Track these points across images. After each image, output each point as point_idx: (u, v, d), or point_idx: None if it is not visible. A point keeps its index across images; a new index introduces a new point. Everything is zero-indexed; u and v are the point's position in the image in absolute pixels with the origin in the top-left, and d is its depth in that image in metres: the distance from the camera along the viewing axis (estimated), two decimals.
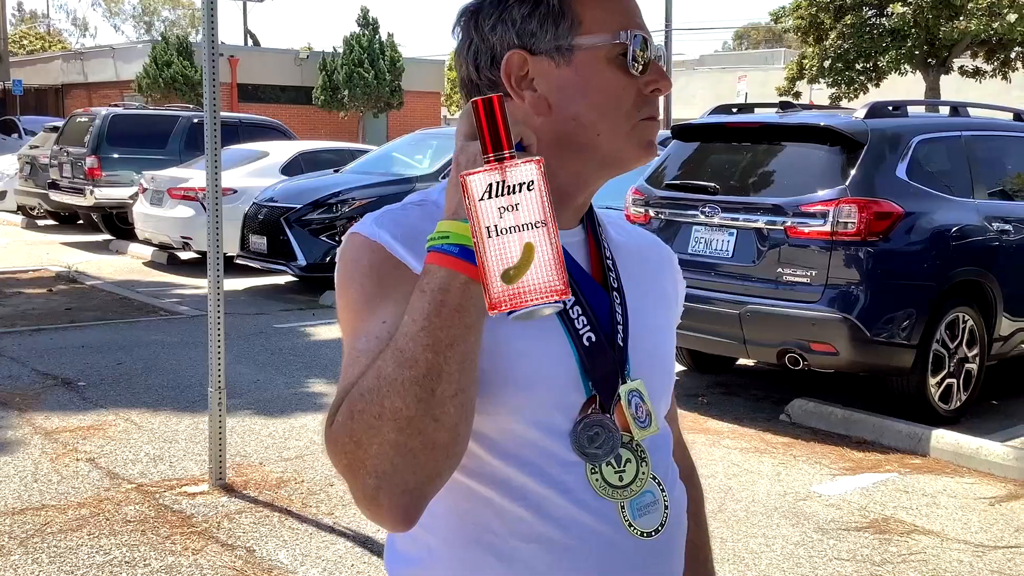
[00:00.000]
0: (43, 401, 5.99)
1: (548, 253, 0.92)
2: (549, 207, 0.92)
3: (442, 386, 0.98)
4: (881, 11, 24.10)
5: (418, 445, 0.99)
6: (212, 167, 4.63)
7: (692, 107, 30.50)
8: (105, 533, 4.10)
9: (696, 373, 6.98)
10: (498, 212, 0.92)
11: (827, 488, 4.83)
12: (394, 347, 0.99)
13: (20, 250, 13.18)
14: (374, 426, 0.98)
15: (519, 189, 0.92)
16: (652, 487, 1.20)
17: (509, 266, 0.92)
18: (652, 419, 1.20)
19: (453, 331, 0.98)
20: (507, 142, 0.93)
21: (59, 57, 42.69)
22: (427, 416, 0.98)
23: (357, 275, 1.13)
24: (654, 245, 1.38)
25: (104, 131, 13.58)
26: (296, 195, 10.01)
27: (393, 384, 0.98)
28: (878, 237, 5.47)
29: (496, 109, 0.93)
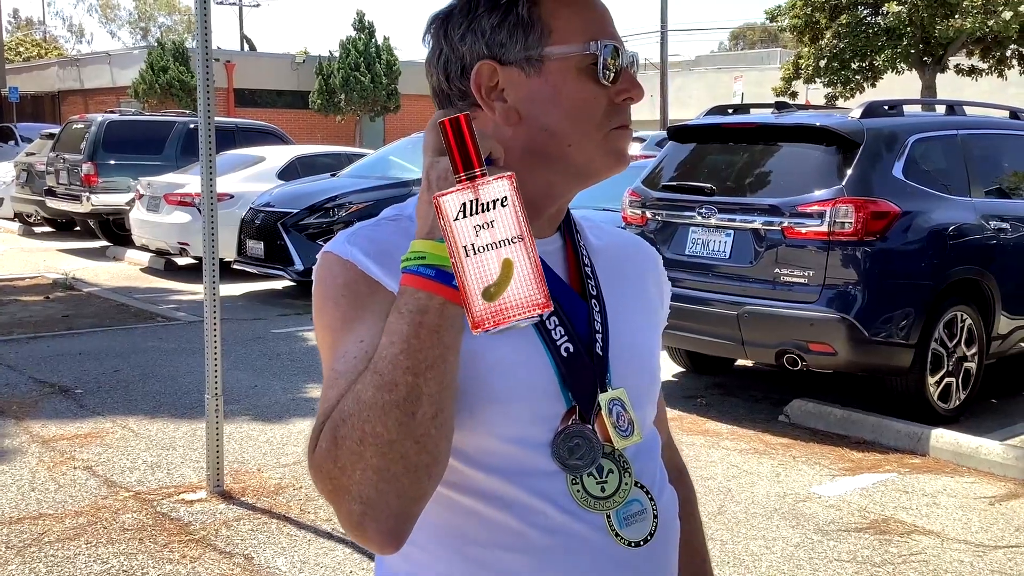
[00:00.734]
0: (40, 409, 5.97)
1: (527, 267, 0.92)
2: (524, 221, 0.93)
3: (423, 408, 0.98)
4: (876, 10, 24.09)
5: (401, 469, 0.99)
6: (207, 173, 4.61)
7: (688, 108, 30.50)
8: (103, 542, 4.08)
9: (694, 374, 6.97)
10: (474, 231, 0.92)
11: (827, 489, 4.81)
12: (373, 371, 0.99)
13: (17, 257, 13.16)
14: (356, 452, 0.98)
15: (493, 206, 0.92)
16: (639, 496, 1.18)
17: (489, 283, 0.92)
18: (635, 427, 1.19)
19: (432, 352, 0.98)
20: (477, 160, 0.93)
21: (55, 64, 42.67)
22: (409, 439, 0.98)
23: (332, 295, 1.13)
24: (636, 247, 1.37)
25: (100, 137, 13.57)
26: (293, 200, 10.01)
27: (373, 408, 0.98)
28: (875, 237, 5.46)
29: (464, 127, 0.93)
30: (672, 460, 1.46)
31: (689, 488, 1.48)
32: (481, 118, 1.15)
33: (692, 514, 1.45)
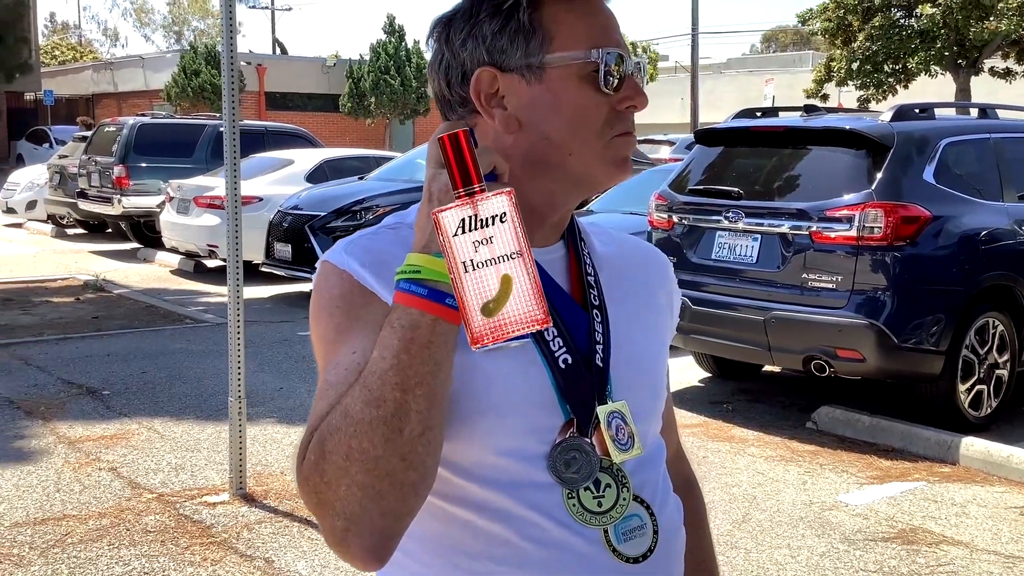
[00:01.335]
0: (67, 410, 6.02)
1: (526, 283, 0.92)
2: (523, 236, 0.92)
3: (410, 425, 0.97)
4: (910, 12, 23.85)
5: (386, 486, 0.98)
6: (232, 176, 4.63)
7: (719, 111, 30.33)
8: (125, 543, 4.10)
9: (721, 380, 6.91)
10: (473, 246, 0.92)
11: (854, 497, 4.75)
12: (362, 385, 0.98)
13: (49, 259, 13.31)
14: (342, 467, 0.97)
15: (492, 222, 0.92)
16: (638, 511, 1.16)
17: (488, 299, 0.92)
18: (636, 441, 1.17)
19: (422, 369, 0.97)
20: (476, 176, 0.93)
21: (89, 67, 43.20)
22: (395, 456, 0.97)
23: (326, 306, 1.12)
24: (645, 255, 1.34)
25: (132, 140, 13.68)
26: (320, 203, 10.04)
27: (360, 424, 0.97)
28: (905, 242, 5.39)
29: (463, 143, 0.93)
30: (681, 471, 1.44)
31: (698, 499, 1.46)
32: (481, 125, 1.14)
33: (700, 526, 1.42)
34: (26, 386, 6.55)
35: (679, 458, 1.46)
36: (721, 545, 4.14)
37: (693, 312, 5.93)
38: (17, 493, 4.64)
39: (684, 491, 1.39)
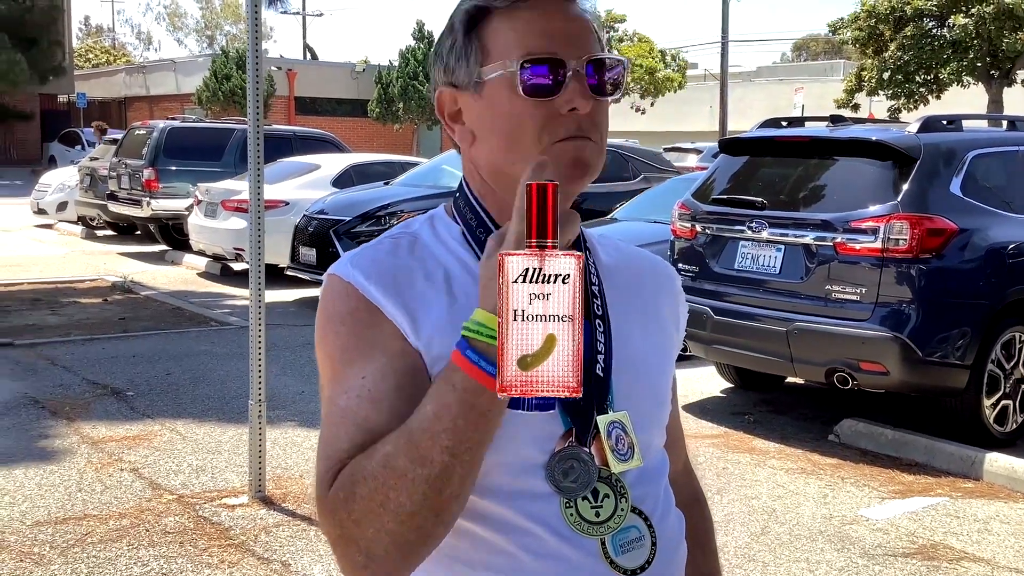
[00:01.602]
0: (92, 410, 6.08)
1: (568, 349, 0.92)
2: (579, 304, 0.92)
3: (451, 487, 1.00)
4: (942, 22, 23.68)
5: (414, 537, 1.01)
6: (255, 181, 4.66)
7: (748, 119, 30.20)
8: (144, 544, 4.13)
9: (743, 391, 6.87)
10: (528, 297, 0.92)
11: (875, 512, 4.70)
12: (409, 440, 1.00)
13: (78, 260, 13.45)
14: (375, 512, 1.00)
15: (554, 280, 0.93)
16: (636, 522, 1.16)
17: (527, 353, 0.92)
18: (635, 451, 1.16)
19: (476, 436, 0.99)
20: (552, 231, 0.94)
21: (122, 70, 43.67)
22: (430, 512, 1.00)
23: (334, 321, 1.14)
24: (651, 267, 1.34)
25: (161, 144, 13.81)
26: (346, 207, 10.08)
27: (403, 479, 0.99)
28: (931, 254, 5.34)
29: (549, 197, 0.94)
30: (688, 486, 1.43)
31: (704, 518, 1.45)
32: (457, 143, 1.21)
33: (705, 544, 1.41)
34: (52, 386, 6.62)
35: (687, 473, 1.45)
36: (739, 558, 4.12)
37: (715, 322, 5.90)
38: (39, 492, 4.69)
39: (691, 507, 1.38)
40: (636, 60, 34.57)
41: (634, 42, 35.69)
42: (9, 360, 7.31)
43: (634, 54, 34.75)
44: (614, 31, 36.28)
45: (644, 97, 35.46)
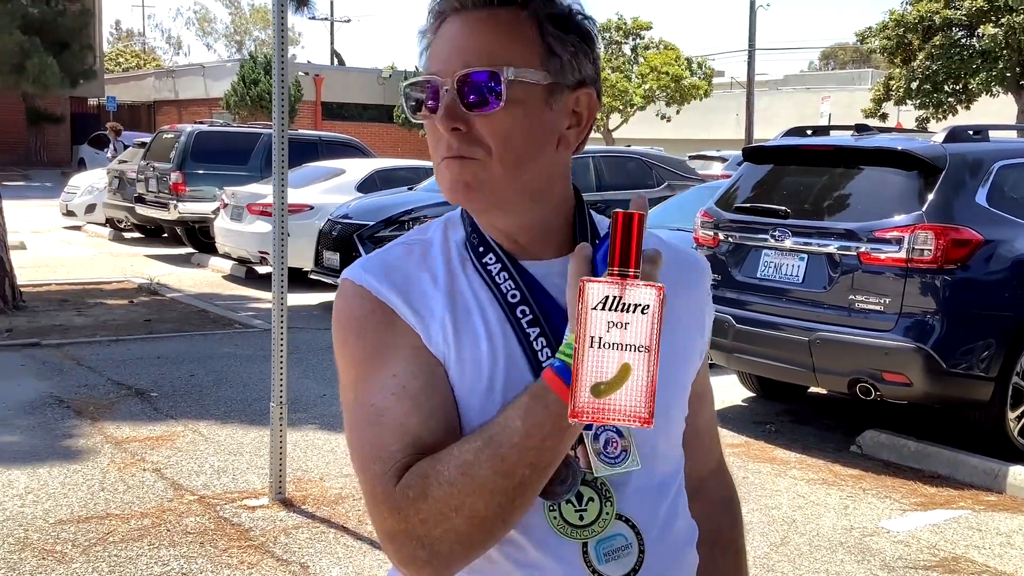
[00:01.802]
0: (116, 411, 6.14)
1: (643, 379, 0.93)
2: (657, 336, 0.93)
3: (523, 497, 1.03)
4: (971, 32, 23.50)
5: (480, 539, 1.04)
6: (279, 185, 4.69)
7: (774, 128, 30.06)
8: (165, 544, 4.16)
9: (765, 400, 6.84)
10: (606, 325, 0.94)
11: (896, 524, 4.67)
12: (495, 453, 1.02)
13: (106, 261, 13.58)
14: (446, 515, 1.03)
15: (634, 309, 0.94)
16: (622, 530, 1.15)
17: (601, 380, 0.93)
18: (631, 456, 1.15)
19: (557, 453, 1.03)
20: (635, 261, 0.95)
21: (152, 74, 44.06)
22: (500, 519, 1.03)
23: (353, 327, 1.16)
24: (676, 262, 1.27)
25: (189, 147, 13.93)
26: (369, 212, 10.13)
27: (483, 488, 1.02)
28: (956, 265, 5.30)
29: (635, 226, 0.95)
30: (720, 487, 1.42)
31: (735, 518, 1.43)
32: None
33: (733, 547, 1.40)
34: (77, 386, 6.69)
35: (719, 473, 1.44)
36: (758, 568, 4.10)
37: (737, 331, 5.88)
38: (63, 491, 4.74)
39: (722, 509, 1.38)
40: (662, 67, 34.49)
41: (660, 50, 35.62)
42: (36, 360, 7.39)
43: (660, 62, 34.69)
44: (640, 38, 36.22)
45: (670, 105, 35.37)
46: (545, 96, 1.13)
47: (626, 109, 34.72)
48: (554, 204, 1.18)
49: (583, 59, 1.15)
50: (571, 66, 1.14)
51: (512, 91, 1.10)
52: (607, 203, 10.61)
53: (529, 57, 1.12)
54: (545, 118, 1.13)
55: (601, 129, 35.31)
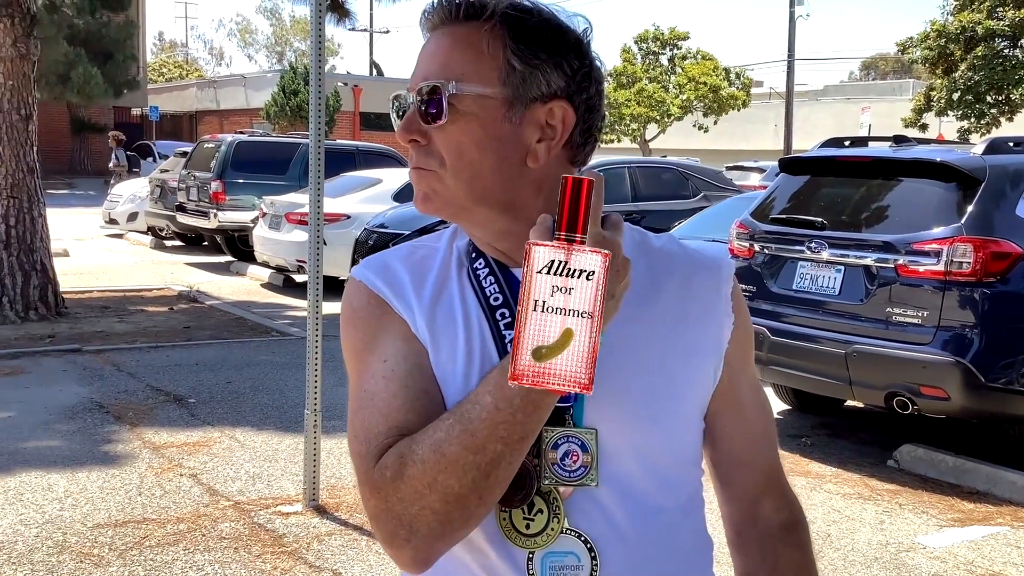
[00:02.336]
0: (154, 416, 6.22)
1: (584, 345, 0.93)
2: (601, 303, 0.93)
3: (498, 472, 1.03)
4: (1015, 43, 23.21)
5: (458, 516, 1.04)
6: (315, 194, 4.74)
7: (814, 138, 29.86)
8: (200, 549, 4.21)
9: (800, 413, 6.79)
10: (551, 289, 0.93)
11: (933, 540, 4.61)
12: (464, 427, 1.02)
13: (147, 269, 13.77)
14: (421, 492, 1.04)
15: (578, 275, 0.93)
16: (575, 548, 1.12)
17: (543, 344, 0.93)
18: (591, 473, 1.11)
19: (530, 426, 1.02)
20: (582, 226, 0.94)
21: (194, 85, 44.64)
22: (475, 495, 1.03)
23: (352, 318, 1.21)
24: (691, 267, 1.24)
25: (229, 157, 14.10)
26: (405, 222, 10.20)
27: (454, 464, 1.02)
28: (995, 278, 5.23)
29: (583, 192, 0.94)
30: (776, 513, 1.31)
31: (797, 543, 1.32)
32: None
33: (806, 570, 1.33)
34: (117, 391, 6.79)
35: (775, 496, 1.32)
36: None
37: (772, 343, 5.85)
38: (101, 495, 4.81)
39: (781, 536, 1.30)
40: (700, 78, 34.38)
41: (698, 60, 35.53)
42: (77, 365, 7.51)
43: (698, 72, 34.59)
44: (678, 48, 36.15)
45: (707, 115, 35.26)
46: (503, 109, 1.12)
47: (663, 119, 34.64)
48: (533, 215, 1.08)
49: (552, 71, 1.13)
50: (536, 79, 1.13)
51: (462, 104, 1.11)
52: (643, 213, 10.58)
53: (484, 71, 1.12)
54: (503, 131, 1.13)
55: (638, 140, 35.26)
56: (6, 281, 9.15)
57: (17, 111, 9.13)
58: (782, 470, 1.35)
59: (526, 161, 1.14)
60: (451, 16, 1.16)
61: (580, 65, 1.16)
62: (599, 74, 1.18)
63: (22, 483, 4.94)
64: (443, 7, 1.16)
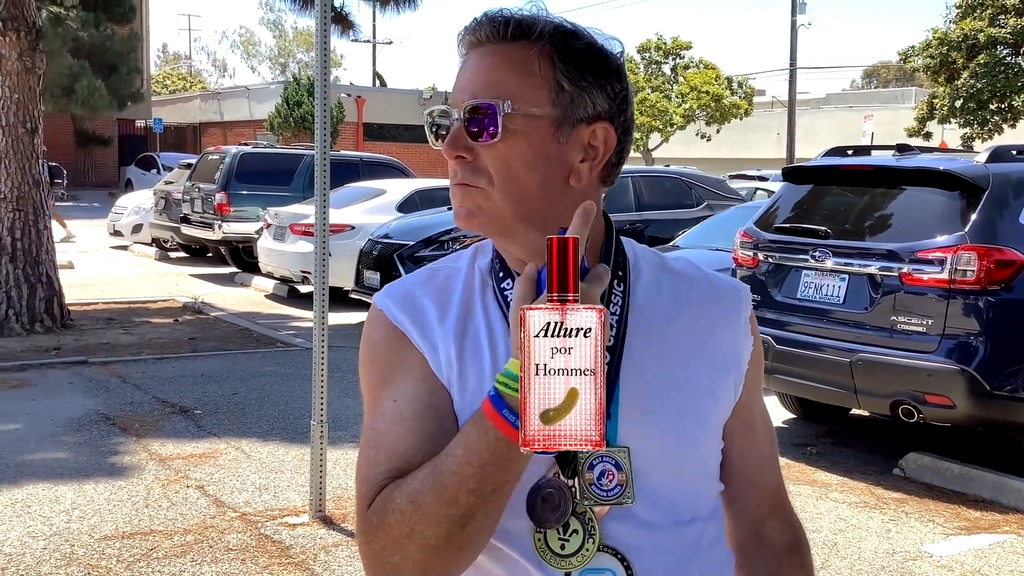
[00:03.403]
0: (160, 428, 6.23)
1: (591, 403, 0.93)
2: (602, 358, 0.93)
3: (474, 524, 1.04)
4: (1017, 50, 23.23)
5: (438, 566, 1.06)
6: (321, 204, 4.76)
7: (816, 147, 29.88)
8: (207, 560, 4.22)
9: (805, 422, 6.79)
10: (550, 352, 0.93)
11: (939, 548, 4.61)
12: (437, 479, 1.03)
13: (152, 280, 13.80)
14: (401, 542, 1.05)
15: (576, 334, 0.93)
16: (611, 564, 1.13)
17: (550, 407, 0.93)
18: (628, 491, 1.13)
19: (502, 479, 1.02)
20: (573, 285, 0.94)
21: (198, 97, 44.77)
22: (452, 546, 1.04)
23: (370, 351, 1.21)
24: (711, 293, 1.27)
25: (233, 168, 14.13)
26: (410, 232, 10.22)
27: (428, 516, 1.03)
28: (999, 286, 5.24)
29: (570, 251, 0.95)
30: (780, 534, 1.35)
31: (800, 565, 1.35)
32: None
33: None
34: (123, 403, 6.80)
35: (780, 516, 1.36)
36: None
37: (777, 352, 5.85)
38: (108, 507, 4.83)
39: (786, 557, 1.32)
40: (702, 87, 34.43)
41: (700, 69, 35.59)
42: (83, 377, 7.53)
43: (700, 81, 34.64)
44: (680, 58, 36.21)
45: (710, 124, 35.30)
46: (552, 129, 1.14)
47: (666, 128, 34.69)
48: None
49: (598, 94, 1.16)
50: (583, 101, 1.15)
51: (513, 123, 1.13)
52: (646, 223, 10.60)
53: (535, 91, 1.14)
54: (550, 150, 1.15)
55: (641, 149, 35.29)
56: (12, 293, 9.18)
57: (23, 124, 9.17)
58: (786, 491, 1.39)
59: (569, 180, 1.16)
60: (499, 35, 1.16)
61: (620, 88, 1.19)
62: (632, 96, 1.22)
63: (29, 495, 4.96)
64: (491, 25, 1.16)
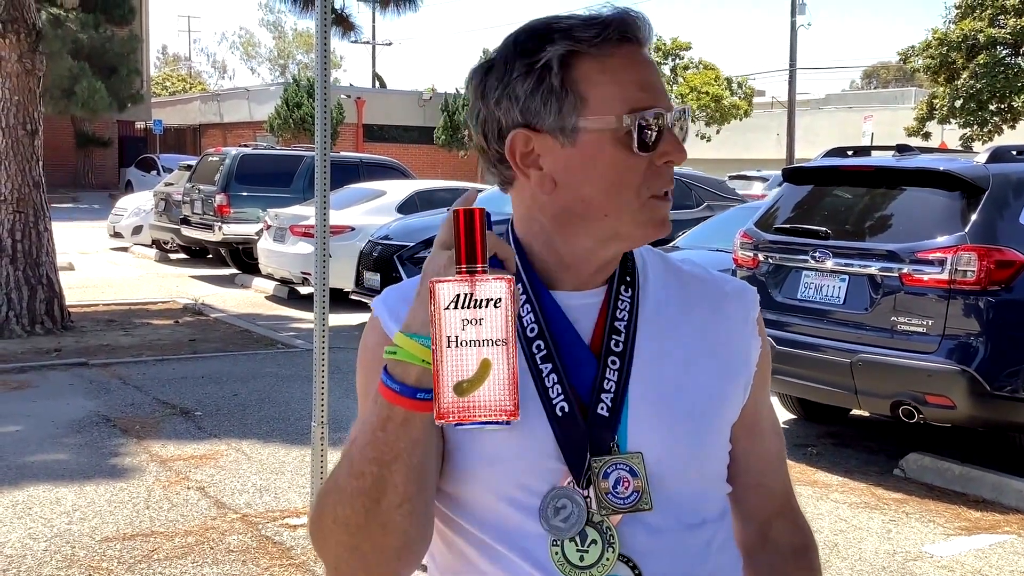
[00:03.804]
0: (161, 429, 6.23)
1: (503, 372, 0.93)
2: (512, 327, 0.93)
3: (388, 498, 1.03)
4: (1016, 50, 23.25)
5: (368, 548, 1.05)
6: (321, 206, 4.76)
7: (816, 147, 29.87)
8: (208, 562, 4.22)
9: (806, 422, 6.79)
10: (461, 324, 0.93)
11: (940, 548, 4.61)
12: (346, 455, 1.06)
13: (152, 282, 13.80)
14: (330, 528, 1.06)
15: (486, 304, 0.93)
16: (622, 572, 1.11)
17: (463, 379, 0.93)
18: (644, 497, 1.11)
19: (398, 445, 1.02)
20: (481, 256, 0.94)
21: (197, 98, 44.78)
22: (375, 524, 1.04)
23: (362, 357, 1.21)
24: (720, 295, 1.26)
25: (233, 170, 14.14)
26: (410, 233, 10.22)
27: (342, 493, 1.05)
28: (1000, 286, 5.24)
29: (476, 223, 0.95)
30: (788, 536, 1.34)
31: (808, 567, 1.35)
32: (520, 182, 1.17)
33: None
34: (123, 405, 6.81)
35: (787, 518, 1.35)
36: None
37: (777, 352, 5.85)
38: (109, 508, 4.83)
39: (793, 560, 1.32)
40: (702, 87, 34.45)
41: (700, 70, 35.60)
42: (83, 379, 7.53)
43: (699, 82, 34.66)
44: (679, 59, 36.22)
45: (710, 124, 35.31)
46: None
47: None
48: None
49: None
50: None
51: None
52: None
53: None
54: None
55: None
56: (12, 295, 9.18)
57: (23, 126, 9.17)
58: (793, 493, 1.38)
59: None
60: (647, 39, 1.14)
61: None
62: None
63: (30, 497, 4.96)
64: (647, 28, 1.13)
